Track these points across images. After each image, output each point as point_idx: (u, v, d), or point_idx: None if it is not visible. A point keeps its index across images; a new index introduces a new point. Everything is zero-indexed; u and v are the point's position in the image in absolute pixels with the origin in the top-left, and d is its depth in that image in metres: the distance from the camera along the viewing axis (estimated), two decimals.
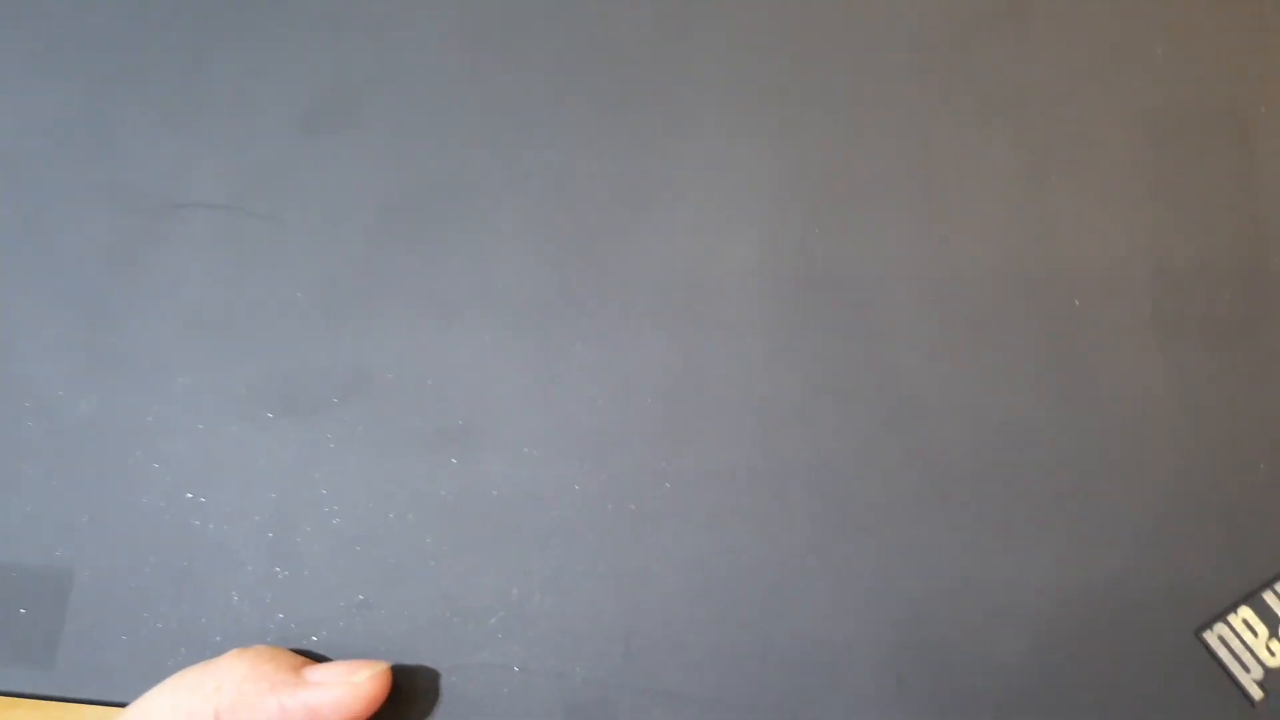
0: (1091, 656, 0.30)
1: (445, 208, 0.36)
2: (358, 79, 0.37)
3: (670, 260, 0.35)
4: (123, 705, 0.32)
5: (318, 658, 0.33)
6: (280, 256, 0.37)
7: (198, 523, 0.34)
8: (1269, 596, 0.30)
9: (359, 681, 0.31)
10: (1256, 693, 0.29)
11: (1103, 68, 0.34)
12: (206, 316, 0.36)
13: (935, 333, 0.33)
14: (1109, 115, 0.34)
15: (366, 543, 0.34)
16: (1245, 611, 0.30)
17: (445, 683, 0.33)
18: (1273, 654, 0.29)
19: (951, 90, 0.34)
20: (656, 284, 0.35)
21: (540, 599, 0.33)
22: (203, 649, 0.33)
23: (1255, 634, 0.30)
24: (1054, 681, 0.30)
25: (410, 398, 0.35)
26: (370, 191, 0.37)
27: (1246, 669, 0.29)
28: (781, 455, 0.33)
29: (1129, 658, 0.30)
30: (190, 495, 0.34)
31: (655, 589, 0.32)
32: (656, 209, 0.35)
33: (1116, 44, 0.35)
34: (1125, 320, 0.32)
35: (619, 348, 0.34)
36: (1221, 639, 0.30)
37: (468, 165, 0.36)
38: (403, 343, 0.35)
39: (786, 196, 0.34)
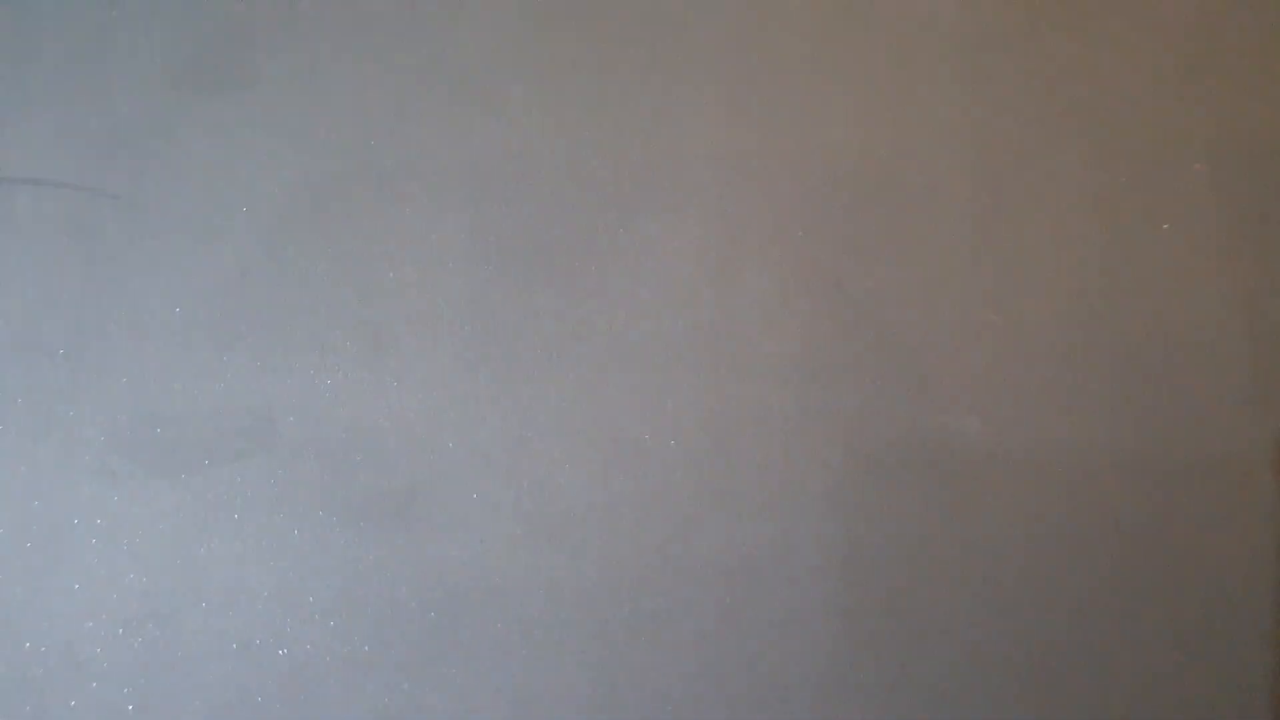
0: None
1: (369, 196, 0.27)
2: (249, 23, 0.28)
3: (669, 285, 0.28)
4: None
5: None
6: (142, 254, 0.27)
7: (45, 626, 0.26)
8: None
9: None
10: None
11: (1175, 93, 0.31)
12: (42, 333, 0.27)
13: (993, 391, 0.27)
14: (1182, 143, 0.30)
15: (272, 647, 0.26)
16: None
17: None
18: None
19: (1011, 108, 0.30)
20: (652, 315, 0.28)
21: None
22: None
23: None
24: None
25: (329, 452, 0.27)
26: (266, 171, 0.28)
27: None
28: (807, 540, 0.27)
29: None
30: (35, 588, 0.26)
31: (657, 710, 0.26)
32: (647, 217, 0.28)
33: (1189, 66, 0.31)
34: (1218, 378, 0.29)
35: (605, 397, 0.27)
36: None
37: (398, 142, 0.28)
38: (315, 378, 0.27)
39: (812, 215, 0.28)
